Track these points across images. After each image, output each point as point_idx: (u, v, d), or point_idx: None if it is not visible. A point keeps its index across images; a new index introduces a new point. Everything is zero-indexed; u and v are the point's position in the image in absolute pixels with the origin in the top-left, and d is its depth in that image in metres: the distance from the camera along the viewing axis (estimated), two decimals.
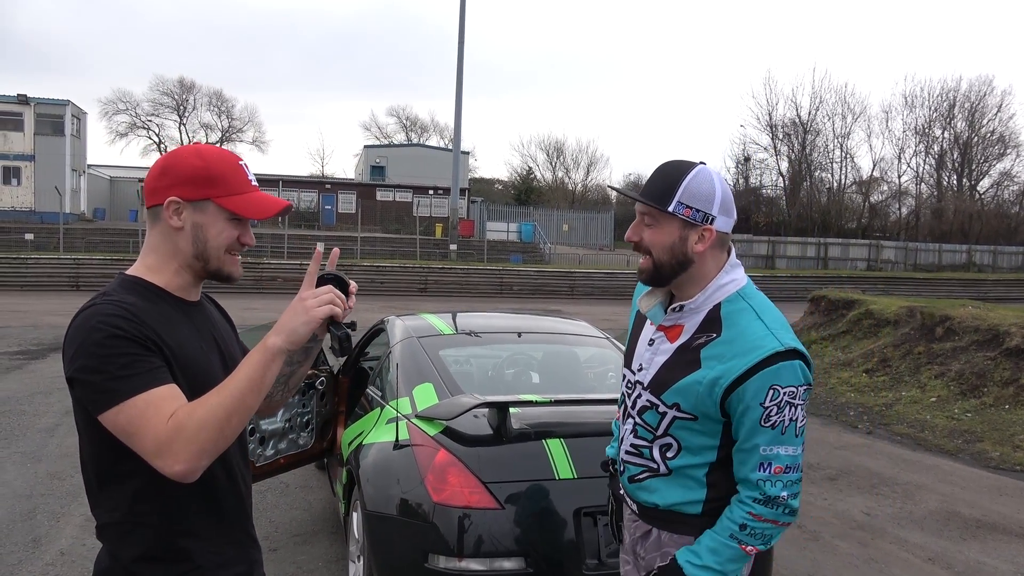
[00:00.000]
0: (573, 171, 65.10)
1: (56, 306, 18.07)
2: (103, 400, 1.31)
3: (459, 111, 33.02)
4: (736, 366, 1.63)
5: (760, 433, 1.63)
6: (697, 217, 1.68)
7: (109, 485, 1.42)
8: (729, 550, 1.67)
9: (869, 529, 4.83)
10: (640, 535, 1.87)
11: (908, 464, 6.45)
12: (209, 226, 1.48)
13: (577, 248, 39.23)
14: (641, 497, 1.83)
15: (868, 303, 11.99)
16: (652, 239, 1.72)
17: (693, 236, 1.69)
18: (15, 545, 4.12)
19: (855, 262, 41.03)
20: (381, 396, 3.73)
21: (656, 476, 1.79)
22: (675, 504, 1.77)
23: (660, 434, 1.77)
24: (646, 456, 1.80)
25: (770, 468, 1.64)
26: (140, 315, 1.38)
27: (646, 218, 1.73)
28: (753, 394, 1.62)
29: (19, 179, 36.46)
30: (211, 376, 1.47)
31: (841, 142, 51.33)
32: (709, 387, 1.66)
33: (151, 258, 1.51)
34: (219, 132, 59.62)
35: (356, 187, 45.50)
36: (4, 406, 7.39)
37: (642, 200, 1.71)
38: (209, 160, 1.48)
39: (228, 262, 1.52)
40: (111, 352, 1.32)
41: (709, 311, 1.72)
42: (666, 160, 1.76)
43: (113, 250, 29.13)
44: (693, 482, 1.75)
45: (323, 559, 4.07)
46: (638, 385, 1.82)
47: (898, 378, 9.34)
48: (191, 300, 1.55)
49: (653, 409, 1.77)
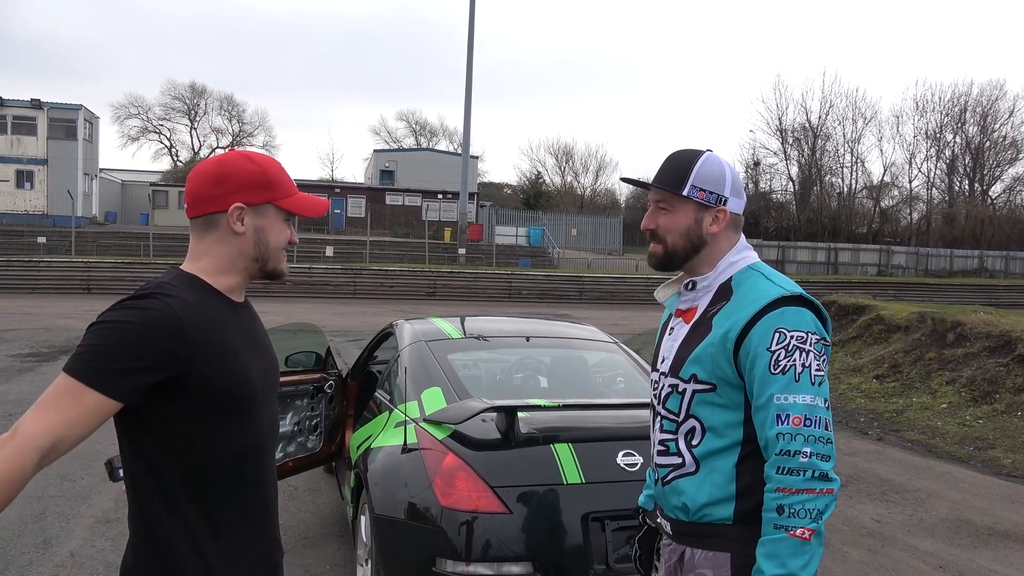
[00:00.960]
0: (582, 175, 65.15)
1: (68, 309, 18.20)
2: (70, 360, 1.34)
3: (468, 115, 33.10)
4: (743, 316, 1.62)
5: (771, 382, 1.55)
6: (711, 199, 1.72)
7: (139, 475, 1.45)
8: (783, 544, 1.51)
9: (879, 536, 4.80)
10: (675, 560, 1.75)
11: (919, 471, 6.41)
12: (269, 228, 1.55)
13: (586, 252, 39.20)
14: (673, 504, 1.73)
15: (879, 308, 11.93)
16: (668, 224, 1.75)
17: (708, 218, 1.74)
18: (25, 546, 4.15)
19: (865, 267, 40.84)
20: (390, 400, 3.74)
21: (684, 475, 1.70)
22: (705, 505, 1.66)
23: (683, 418, 1.70)
24: (672, 451, 1.73)
25: (788, 420, 1.53)
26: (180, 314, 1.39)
27: (661, 205, 1.77)
28: (759, 339, 1.58)
29: (32, 183, 36.76)
30: (248, 376, 1.50)
31: (851, 147, 51.20)
32: (720, 344, 1.63)
33: (205, 262, 1.53)
34: (230, 136, 60.03)
35: (365, 191, 45.64)
36: (16, 408, 7.44)
37: (657, 186, 1.75)
38: (263, 165, 1.55)
39: (282, 260, 1.60)
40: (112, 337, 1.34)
41: (721, 285, 1.74)
42: (679, 150, 1.81)
43: (124, 253, 29.31)
44: (720, 476, 1.65)
45: (331, 562, 4.08)
46: (661, 377, 1.79)
47: (909, 384, 9.28)
48: (238, 301, 1.58)
49: (674, 392, 1.73)
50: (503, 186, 65.17)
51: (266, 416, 1.57)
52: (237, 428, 1.48)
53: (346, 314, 18.98)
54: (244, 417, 1.50)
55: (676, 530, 1.75)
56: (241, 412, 1.49)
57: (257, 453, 1.54)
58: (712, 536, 1.66)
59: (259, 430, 1.54)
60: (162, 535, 1.44)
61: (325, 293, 24.83)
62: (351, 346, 12.13)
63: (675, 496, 1.72)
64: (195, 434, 1.44)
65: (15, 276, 24.04)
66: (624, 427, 3.08)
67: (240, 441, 1.49)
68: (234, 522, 1.49)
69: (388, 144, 64.06)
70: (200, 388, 1.41)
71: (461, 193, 33.85)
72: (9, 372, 9.49)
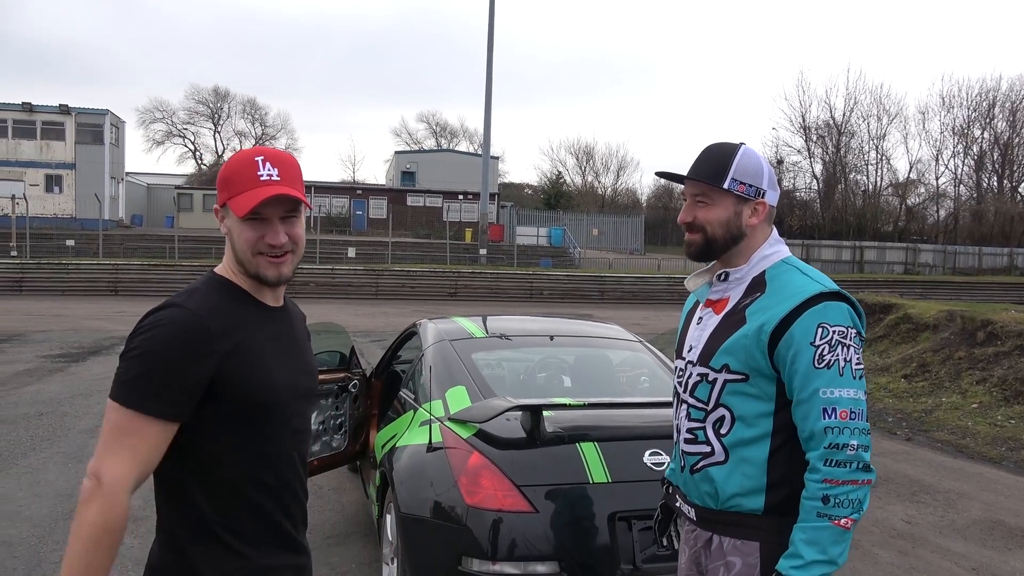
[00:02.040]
0: (603, 175, 64.99)
1: (96, 310, 18.48)
2: (116, 389, 1.38)
3: (488, 116, 33.12)
4: (780, 310, 1.64)
5: (816, 376, 1.58)
6: (750, 192, 1.75)
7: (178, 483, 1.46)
8: (826, 532, 1.55)
9: (910, 538, 4.72)
10: (702, 544, 1.79)
11: (949, 471, 6.29)
12: (233, 228, 1.48)
13: (607, 252, 39.06)
14: (701, 491, 1.75)
15: (906, 307, 11.76)
16: (707, 216, 1.76)
17: (747, 211, 1.76)
18: (56, 543, 4.21)
19: (891, 266, 40.28)
20: (414, 399, 3.74)
21: (713, 463, 1.72)
22: (734, 495, 1.68)
23: (712, 407, 1.73)
24: (701, 439, 1.75)
25: (835, 413, 1.57)
26: (209, 324, 1.40)
27: (699, 198, 1.77)
28: (802, 334, 1.60)
29: (61, 187, 37.39)
30: (276, 381, 1.48)
31: (876, 144, 50.51)
32: (756, 336, 1.65)
33: (227, 261, 1.55)
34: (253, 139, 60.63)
35: (387, 192, 45.86)
36: (46, 408, 7.56)
37: (698, 179, 1.75)
38: (230, 163, 1.50)
39: (261, 264, 1.48)
40: (155, 360, 1.36)
41: (754, 278, 1.76)
42: (708, 144, 1.81)
43: (150, 256, 29.69)
44: (752, 468, 1.67)
45: (356, 561, 4.09)
46: (689, 365, 1.81)
47: (938, 384, 9.13)
48: (270, 304, 1.56)
49: (703, 381, 1.75)
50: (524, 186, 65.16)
51: (294, 423, 1.55)
52: (260, 435, 1.48)
53: (368, 314, 19.08)
54: (268, 424, 1.49)
55: (702, 516, 1.78)
56: (265, 419, 1.48)
57: (279, 460, 1.52)
58: (741, 525, 1.69)
59: (282, 438, 1.52)
60: (184, 537, 1.45)
61: (347, 294, 24.98)
62: (374, 346, 12.19)
63: (705, 484, 1.74)
64: (217, 440, 1.44)
65: (45, 278, 24.47)
66: (650, 426, 3.06)
67: (261, 449, 1.48)
68: (255, 527, 1.49)
69: (409, 146, 64.36)
70: (227, 392, 1.42)
71: (482, 194, 33.88)
72: (40, 372, 9.65)
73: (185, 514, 1.45)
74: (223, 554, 1.44)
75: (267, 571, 1.50)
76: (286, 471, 1.54)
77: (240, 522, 1.46)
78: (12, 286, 23.79)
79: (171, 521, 1.46)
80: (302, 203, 1.48)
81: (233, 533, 1.45)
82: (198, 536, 1.44)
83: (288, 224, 1.48)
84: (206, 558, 1.44)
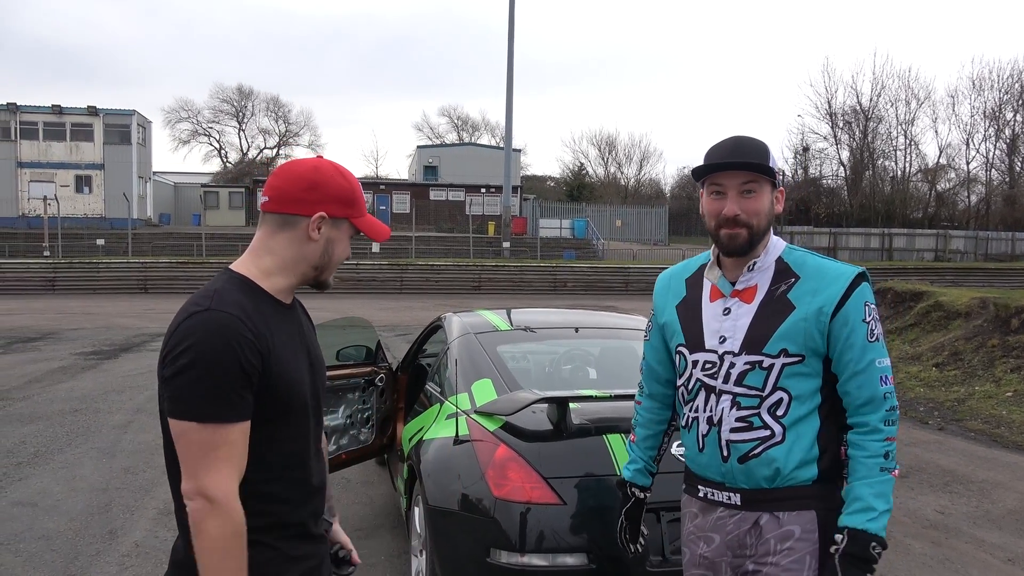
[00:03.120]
0: (625, 166, 64.63)
1: (126, 308, 18.80)
2: (183, 409, 1.37)
3: (510, 109, 33.07)
4: (834, 292, 1.76)
5: (871, 349, 1.75)
6: (779, 180, 1.82)
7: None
8: (887, 484, 1.73)
9: (943, 528, 4.65)
10: (749, 527, 1.81)
11: (983, 461, 6.19)
12: (338, 242, 1.58)
13: (631, 244, 38.88)
14: (756, 475, 1.79)
15: (937, 295, 11.56)
16: (755, 207, 1.79)
17: (774, 198, 1.83)
18: (93, 537, 4.29)
19: (921, 253, 39.62)
20: (440, 392, 3.76)
21: (773, 444, 1.78)
22: (793, 469, 1.77)
23: (768, 392, 1.78)
24: (757, 425, 1.79)
25: (887, 380, 1.76)
26: (250, 326, 1.42)
27: (749, 187, 1.79)
28: (855, 313, 1.75)
29: (90, 187, 38.06)
30: (299, 380, 1.51)
31: (905, 129, 49.61)
32: (815, 318, 1.76)
33: (267, 261, 1.54)
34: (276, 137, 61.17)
35: (409, 187, 46.02)
36: (80, 404, 7.71)
37: (753, 167, 1.77)
38: (352, 182, 1.59)
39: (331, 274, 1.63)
40: (214, 371, 1.36)
41: (776, 264, 1.84)
42: (730, 136, 1.84)
43: (178, 254, 30.13)
44: (806, 441, 1.78)
45: (385, 553, 4.12)
46: (727, 356, 1.82)
47: (971, 372, 8.97)
48: (286, 303, 1.58)
49: (754, 368, 1.79)
50: (546, 179, 65.03)
51: (313, 418, 1.58)
52: (285, 431, 1.50)
53: (393, 309, 19.19)
54: (293, 421, 1.51)
55: (750, 499, 1.81)
56: (291, 416, 1.50)
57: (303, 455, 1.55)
58: (795, 498, 1.78)
59: (305, 433, 1.55)
60: None
61: (372, 289, 25.15)
62: (399, 341, 12.26)
63: (762, 468, 1.78)
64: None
65: (76, 277, 24.94)
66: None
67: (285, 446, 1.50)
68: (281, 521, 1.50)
69: (431, 140, 64.48)
70: (265, 392, 1.43)
71: (504, 187, 33.88)
72: (73, 369, 9.84)
73: None
74: (251, 548, 1.46)
75: (295, 562, 1.52)
76: (308, 464, 1.56)
77: (266, 516, 1.48)
78: (45, 285, 24.30)
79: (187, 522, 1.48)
80: None
81: (259, 528, 1.46)
82: None
83: None
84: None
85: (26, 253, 29.40)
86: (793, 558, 1.76)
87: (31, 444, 6.19)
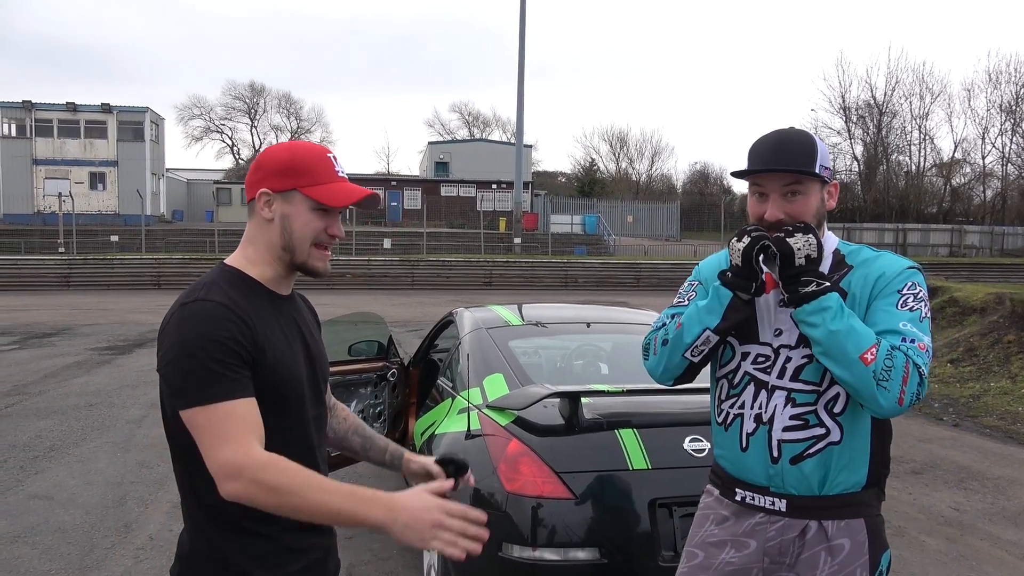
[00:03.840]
0: (637, 161, 64.46)
1: (140, 304, 18.93)
2: (186, 398, 1.36)
3: (521, 105, 33.03)
4: (886, 274, 1.68)
5: (900, 315, 1.63)
6: (829, 175, 1.74)
7: (192, 471, 1.47)
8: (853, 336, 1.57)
9: (958, 525, 4.62)
10: (795, 535, 1.73)
11: (999, 458, 6.14)
12: (295, 217, 1.50)
13: (642, 239, 38.77)
14: (809, 478, 1.70)
15: (952, 290, 11.46)
16: (800, 210, 1.70)
17: (826, 194, 1.76)
18: (108, 530, 4.33)
19: (936, 248, 39.30)
20: (452, 387, 3.76)
21: (829, 444, 1.69)
22: (843, 471, 1.69)
23: (826, 387, 1.70)
24: (813, 423, 1.70)
25: (913, 342, 1.58)
26: (239, 313, 1.41)
27: (794, 189, 1.70)
28: (893, 279, 1.67)
29: (104, 184, 38.34)
30: (295, 371, 1.50)
31: (919, 123, 49.13)
32: (867, 301, 1.68)
33: (249, 250, 1.55)
34: (288, 133, 61.35)
35: (421, 183, 46.08)
36: (95, 399, 7.78)
37: (797, 169, 1.68)
38: (296, 152, 1.52)
39: (314, 256, 1.52)
40: (205, 354, 1.35)
41: (833, 256, 1.78)
42: (775, 130, 1.76)
43: (191, 250, 30.32)
44: (861, 440, 1.71)
45: (397, 547, 4.13)
46: (783, 349, 1.74)
47: (986, 368, 8.89)
48: (282, 294, 1.57)
49: (813, 361, 1.69)
50: (557, 175, 64.95)
51: (312, 409, 1.57)
52: (282, 423, 1.48)
53: (404, 305, 19.24)
54: (289, 411, 1.50)
55: (798, 505, 1.72)
56: (287, 407, 1.49)
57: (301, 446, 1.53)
58: (844, 506, 1.70)
59: (303, 423, 1.53)
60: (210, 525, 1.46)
61: (384, 285, 25.21)
62: (411, 336, 12.28)
63: (817, 469, 1.70)
64: None
65: (91, 273, 25.14)
66: (690, 412, 3.03)
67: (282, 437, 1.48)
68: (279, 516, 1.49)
69: (442, 136, 64.50)
70: (256, 382, 1.42)
71: (515, 182, 33.86)
72: (88, 365, 9.93)
73: (210, 502, 1.45)
74: (252, 539, 1.46)
75: (298, 553, 1.51)
76: (307, 456, 1.54)
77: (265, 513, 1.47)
78: (60, 281, 24.50)
79: (197, 510, 1.48)
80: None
81: (259, 519, 1.46)
82: (224, 523, 1.45)
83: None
84: (235, 544, 1.45)
85: (41, 250, 29.66)
86: (843, 574, 1.69)
87: (47, 438, 6.25)
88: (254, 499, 1.32)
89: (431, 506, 1.35)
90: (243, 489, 1.31)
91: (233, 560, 1.45)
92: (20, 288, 23.42)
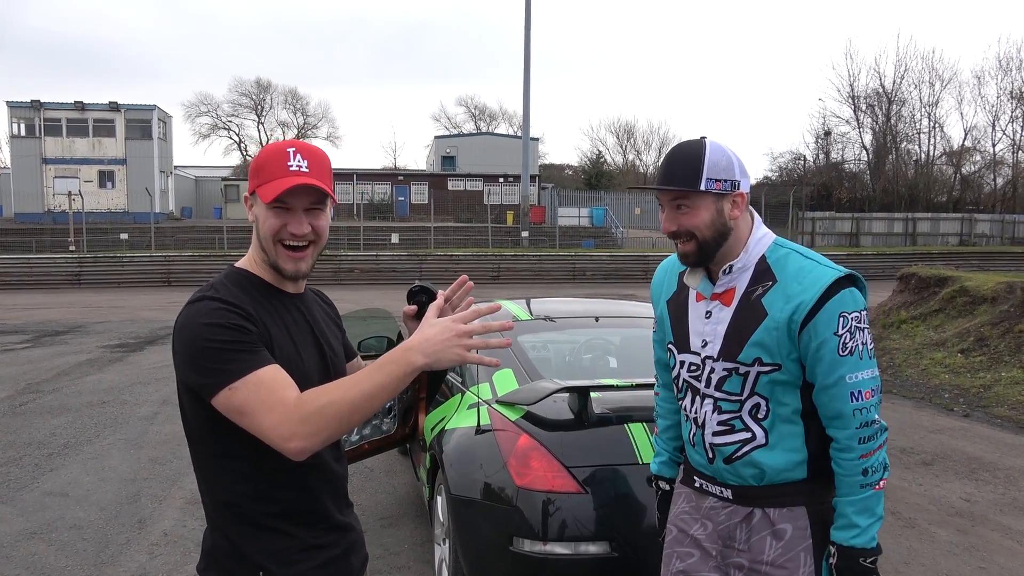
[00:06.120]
0: (644, 153, 64.23)
1: (150, 301, 19.04)
2: (214, 383, 1.37)
3: (527, 98, 32.94)
4: (805, 300, 1.70)
5: (841, 363, 1.69)
6: (727, 187, 1.76)
7: (210, 467, 1.49)
8: (872, 498, 1.71)
9: (969, 516, 4.61)
10: (741, 519, 1.83)
11: (1010, 448, 6.11)
12: (261, 217, 1.51)
13: (650, 232, 38.63)
14: (743, 474, 1.80)
15: (962, 280, 11.38)
16: (692, 222, 1.78)
17: (727, 205, 1.78)
18: (122, 526, 4.38)
19: (946, 237, 39.01)
20: (461, 382, 3.78)
21: (757, 447, 1.78)
22: (782, 470, 1.77)
23: (746, 396, 1.78)
24: (739, 427, 1.80)
25: (861, 395, 1.70)
26: (242, 305, 1.44)
27: (679, 204, 1.79)
28: (825, 324, 1.69)
29: (113, 182, 38.48)
30: (301, 368, 1.50)
31: (929, 111, 48.63)
32: (786, 327, 1.72)
33: (252, 250, 1.58)
34: (295, 129, 61.44)
35: (428, 178, 46.08)
36: (107, 396, 7.84)
37: (674, 188, 1.77)
38: (263, 152, 1.53)
39: (281, 256, 1.50)
40: (217, 338, 1.38)
41: (757, 264, 1.80)
42: (673, 146, 1.85)
43: (200, 247, 30.43)
44: (795, 440, 1.77)
45: (408, 541, 4.16)
46: (708, 361, 1.83)
47: (997, 358, 8.84)
48: (290, 291, 1.58)
49: (732, 375, 1.78)
50: (564, 167, 64.82)
51: None
52: None
53: None
54: None
55: (742, 494, 1.83)
56: None
57: None
58: (786, 494, 1.79)
59: None
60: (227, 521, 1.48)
61: (392, 279, 25.26)
62: None
63: (748, 468, 1.80)
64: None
65: (101, 271, 25.28)
66: None
67: None
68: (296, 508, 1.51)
69: (448, 130, 64.48)
70: None
71: (522, 176, 33.80)
72: (100, 362, 10.00)
73: (227, 499, 1.48)
74: (269, 536, 1.47)
75: (316, 550, 1.52)
76: (322, 452, 1.54)
77: (281, 503, 1.49)
78: (71, 279, 24.66)
79: (215, 507, 1.50)
80: (328, 196, 1.51)
81: (275, 515, 1.48)
82: (241, 520, 1.47)
83: (312, 216, 1.51)
84: (252, 540, 1.47)
85: (52, 248, 29.82)
86: (788, 556, 1.77)
87: (61, 436, 6.31)
88: (319, 441, 1.34)
89: (444, 326, 1.38)
90: (303, 442, 1.33)
91: (251, 557, 1.47)
92: (32, 287, 23.59)
